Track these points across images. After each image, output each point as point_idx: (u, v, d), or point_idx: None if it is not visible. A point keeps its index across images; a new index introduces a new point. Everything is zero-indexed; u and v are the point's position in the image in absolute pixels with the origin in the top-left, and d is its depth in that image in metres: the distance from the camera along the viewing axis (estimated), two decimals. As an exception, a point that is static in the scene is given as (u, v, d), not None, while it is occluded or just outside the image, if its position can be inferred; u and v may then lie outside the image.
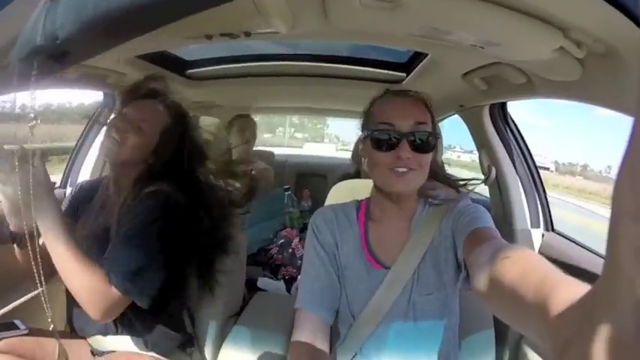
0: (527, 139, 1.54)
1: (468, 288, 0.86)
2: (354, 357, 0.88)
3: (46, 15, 0.35)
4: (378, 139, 0.81)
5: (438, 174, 0.92)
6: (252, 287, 1.77)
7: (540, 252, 1.39)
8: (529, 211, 1.46)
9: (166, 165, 1.06)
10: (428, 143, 0.81)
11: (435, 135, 0.83)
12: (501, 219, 1.51)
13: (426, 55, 1.24)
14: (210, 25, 0.91)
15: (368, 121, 0.88)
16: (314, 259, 0.91)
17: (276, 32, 0.90)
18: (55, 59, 0.37)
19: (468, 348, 1.05)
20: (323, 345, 0.86)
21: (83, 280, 0.87)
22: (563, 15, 0.66)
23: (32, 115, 0.52)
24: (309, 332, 0.86)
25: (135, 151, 1.04)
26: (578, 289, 0.33)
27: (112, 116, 1.09)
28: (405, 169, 0.80)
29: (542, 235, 1.43)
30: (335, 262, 0.90)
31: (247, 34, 0.90)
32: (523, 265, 0.47)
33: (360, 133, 0.92)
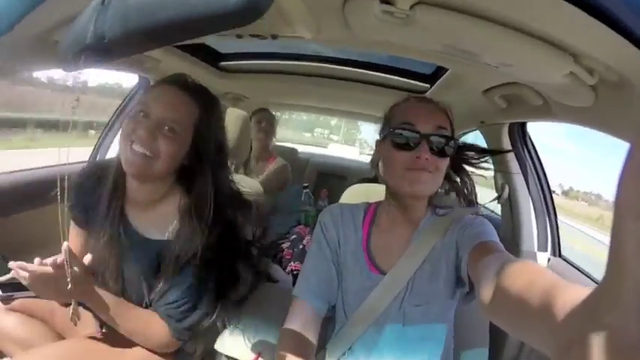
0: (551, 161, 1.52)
1: (467, 304, 0.88)
2: (342, 355, 0.90)
3: (97, 17, 0.40)
4: (398, 138, 0.83)
5: (455, 182, 0.93)
6: (258, 277, 1.81)
7: None
8: (538, 233, 1.45)
9: (204, 163, 0.94)
10: (447, 148, 0.83)
11: (455, 142, 0.85)
12: (509, 238, 1.51)
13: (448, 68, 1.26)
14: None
15: (389, 122, 0.89)
16: (317, 252, 0.94)
17: (301, 37, 0.95)
18: (100, 54, 0.42)
19: None
20: (311, 335, 0.88)
21: (140, 331, 0.93)
22: (573, 41, 0.68)
23: (76, 101, 0.59)
24: (300, 321, 0.89)
25: (170, 162, 0.90)
26: (584, 292, 0.32)
27: (133, 113, 0.90)
28: (422, 170, 0.81)
29: (549, 260, 1.42)
30: (336, 258, 0.93)
31: (274, 37, 0.94)
32: (529, 276, 0.47)
33: (379, 136, 0.94)
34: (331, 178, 3.20)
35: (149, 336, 0.94)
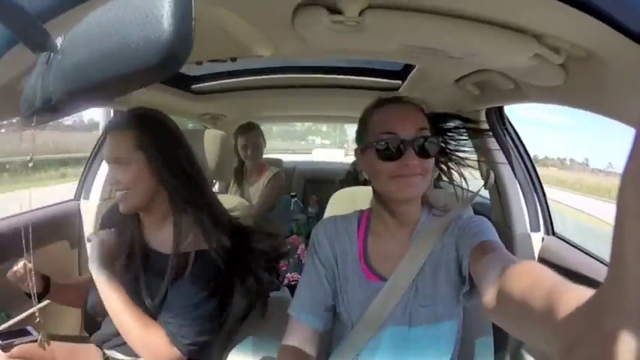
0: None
1: (469, 302, 0.86)
2: None
3: (43, 77, 0.40)
4: (382, 149, 0.81)
5: (443, 172, 0.93)
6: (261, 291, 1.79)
7: (540, 256, 1.38)
8: (529, 214, 1.45)
9: (184, 187, 1.00)
10: (431, 148, 0.82)
11: (437, 139, 0.84)
12: (501, 223, 1.50)
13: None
14: (198, 53, 0.95)
15: (366, 131, 0.87)
16: (311, 271, 0.93)
17: (260, 55, 0.93)
18: (50, 114, 0.44)
19: (467, 355, 1.04)
20: (311, 351, 0.88)
21: (145, 341, 0.94)
22: (534, 24, 0.67)
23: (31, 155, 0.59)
24: (298, 339, 0.89)
25: (137, 190, 0.98)
26: (587, 293, 0.32)
27: None
28: (411, 176, 0.80)
29: (542, 239, 1.42)
30: (333, 275, 0.92)
31: (233, 59, 0.94)
32: (532, 278, 0.47)
33: (357, 145, 0.92)
34: (319, 184, 3.18)
35: (149, 346, 0.95)
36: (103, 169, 1.78)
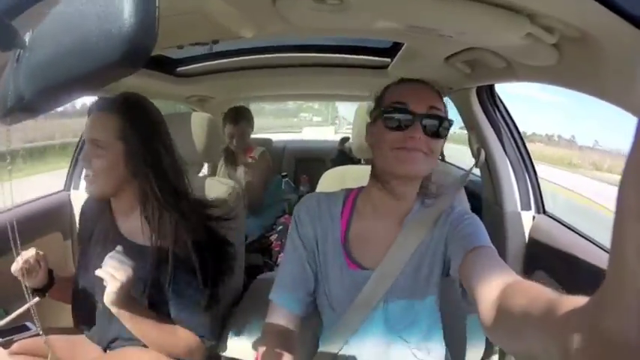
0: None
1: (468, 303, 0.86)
2: (340, 350, 0.89)
3: (14, 76, 0.39)
4: (390, 119, 0.80)
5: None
6: (251, 274, 1.80)
7: (530, 235, 1.39)
8: (519, 193, 1.45)
9: (157, 177, 0.98)
10: (441, 129, 0.80)
11: (449, 123, 0.82)
12: (492, 201, 1.50)
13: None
14: (180, 37, 0.91)
15: (380, 104, 0.86)
16: (291, 252, 0.91)
17: (242, 37, 0.89)
18: (24, 113, 0.42)
19: (460, 331, 1.06)
20: (290, 335, 0.88)
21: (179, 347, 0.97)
22: (527, 2, 0.64)
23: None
24: (278, 324, 0.88)
25: (107, 176, 0.96)
26: (584, 299, 0.32)
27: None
28: (414, 150, 0.78)
29: (533, 218, 1.42)
30: (314, 257, 0.90)
31: (215, 42, 0.89)
32: (530, 294, 0.46)
33: (369, 119, 0.90)
34: (310, 163, 3.17)
35: (177, 342, 0.97)
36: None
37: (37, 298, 0.98)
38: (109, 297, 0.85)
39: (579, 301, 0.31)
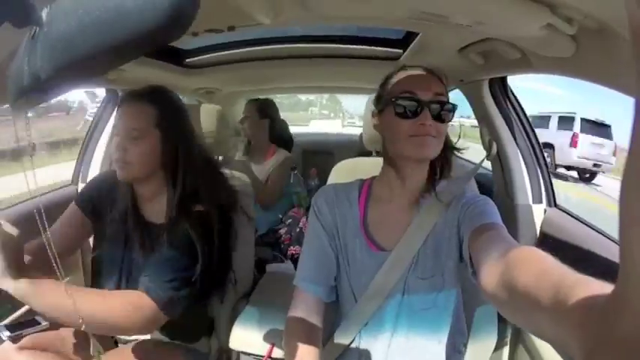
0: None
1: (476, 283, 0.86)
2: (358, 334, 0.91)
3: (29, 55, 0.36)
4: (400, 108, 0.84)
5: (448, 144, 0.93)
6: (261, 268, 1.81)
7: (542, 229, 1.38)
8: (531, 186, 1.44)
9: (184, 164, 1.03)
10: (446, 113, 0.85)
11: (453, 106, 0.86)
12: (503, 194, 1.50)
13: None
14: (195, 23, 0.90)
15: (386, 92, 0.89)
16: (313, 238, 0.94)
17: (259, 24, 0.89)
18: (40, 95, 0.40)
19: (470, 323, 1.05)
20: (317, 321, 0.90)
21: (121, 304, 0.87)
22: None
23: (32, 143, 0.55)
24: (303, 309, 0.90)
25: (143, 164, 1.00)
26: (595, 289, 0.32)
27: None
28: (426, 136, 0.83)
29: (545, 211, 1.42)
30: (335, 242, 0.93)
31: (231, 28, 0.89)
32: (537, 268, 0.46)
33: (375, 107, 0.93)
34: (318, 156, 3.15)
35: (129, 314, 0.87)
36: (99, 152, 1.76)
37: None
38: None
39: (588, 291, 0.32)
